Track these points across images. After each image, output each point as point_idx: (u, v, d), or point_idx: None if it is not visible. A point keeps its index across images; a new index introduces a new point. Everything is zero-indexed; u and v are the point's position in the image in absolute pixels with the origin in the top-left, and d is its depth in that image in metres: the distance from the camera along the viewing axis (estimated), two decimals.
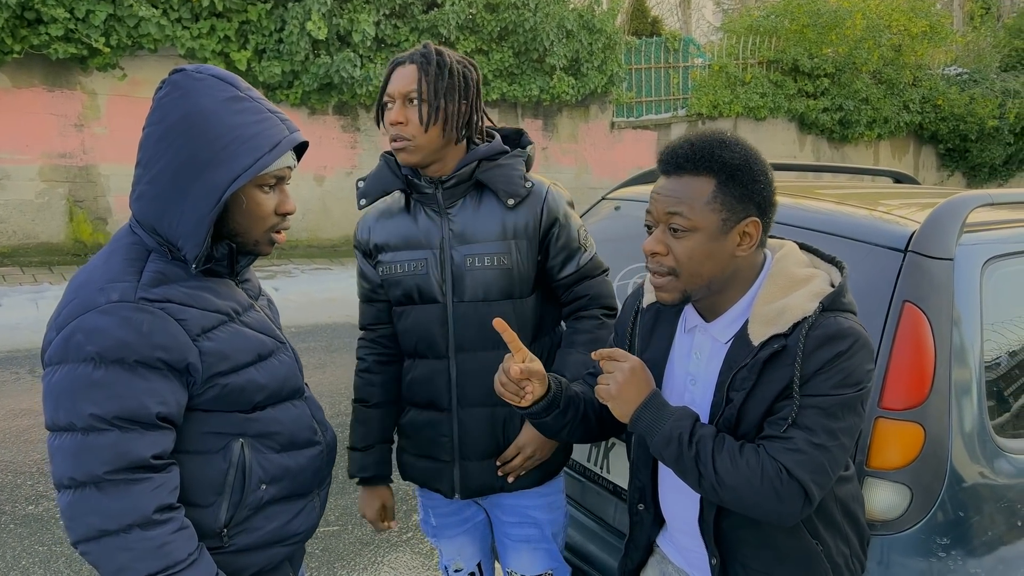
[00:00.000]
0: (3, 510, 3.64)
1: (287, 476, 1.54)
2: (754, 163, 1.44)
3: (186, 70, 1.40)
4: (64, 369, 1.31)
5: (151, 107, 1.40)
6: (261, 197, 1.43)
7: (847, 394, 1.37)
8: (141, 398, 1.31)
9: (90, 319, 1.31)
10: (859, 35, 13.43)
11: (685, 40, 13.09)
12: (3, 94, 7.74)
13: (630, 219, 2.68)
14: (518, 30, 10.02)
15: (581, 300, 2.02)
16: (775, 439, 1.38)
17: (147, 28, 7.80)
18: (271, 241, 1.49)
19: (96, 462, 1.29)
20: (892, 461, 1.74)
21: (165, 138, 1.36)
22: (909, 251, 1.86)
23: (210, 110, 1.36)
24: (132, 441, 1.31)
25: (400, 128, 1.82)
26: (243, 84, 1.43)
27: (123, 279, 1.35)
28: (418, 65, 1.82)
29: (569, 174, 11.45)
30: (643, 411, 1.46)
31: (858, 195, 2.48)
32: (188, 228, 1.37)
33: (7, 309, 6.47)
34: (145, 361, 1.31)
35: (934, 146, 15.79)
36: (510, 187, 1.90)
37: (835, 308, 1.43)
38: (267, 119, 1.41)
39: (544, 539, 2.10)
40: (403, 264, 1.93)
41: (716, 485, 1.39)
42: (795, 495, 1.35)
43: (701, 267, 1.44)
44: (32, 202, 8.06)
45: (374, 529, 1.82)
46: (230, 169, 1.36)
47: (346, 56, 8.71)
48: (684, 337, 1.60)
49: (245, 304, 1.52)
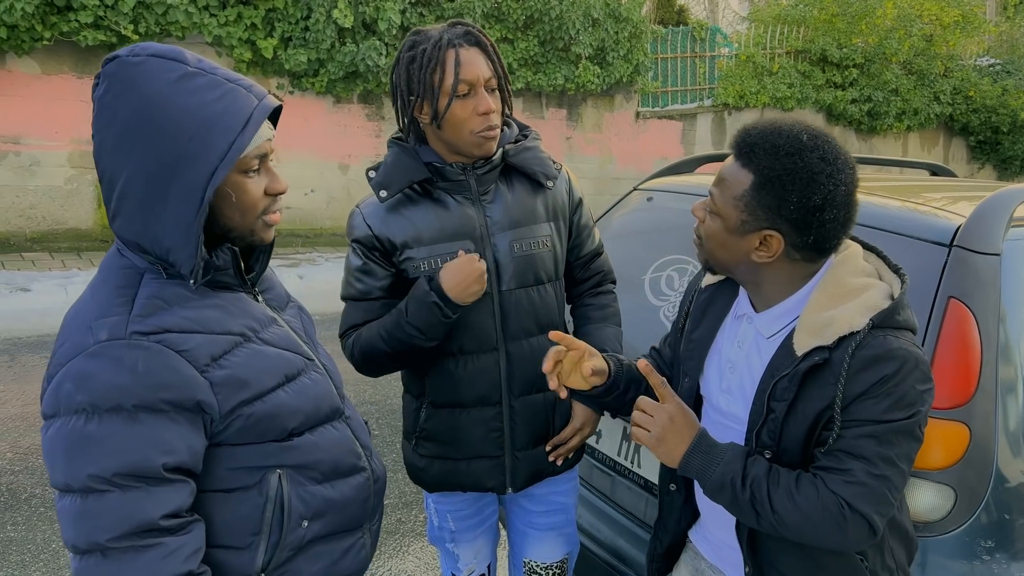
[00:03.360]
0: (33, 493, 3.69)
1: (331, 509, 1.35)
2: (794, 182, 1.33)
3: (120, 56, 1.18)
4: (56, 424, 1.14)
5: (93, 109, 1.19)
6: (247, 183, 1.24)
7: (899, 420, 1.30)
8: (144, 450, 1.13)
9: (78, 364, 1.13)
10: (890, 25, 13.21)
11: (712, 29, 12.94)
12: (33, 80, 7.81)
13: (663, 210, 2.64)
14: (544, 18, 9.95)
15: (597, 276, 2.09)
16: (832, 471, 1.33)
17: (175, 16, 7.83)
18: (267, 224, 1.30)
19: (98, 529, 1.12)
20: (936, 461, 1.69)
21: (121, 144, 1.16)
22: (954, 246, 1.82)
23: (162, 97, 1.15)
24: (136, 502, 1.13)
25: (495, 116, 1.75)
26: (190, 56, 1.21)
27: (112, 313, 1.17)
28: (484, 49, 1.75)
29: (593, 164, 11.39)
30: (691, 457, 1.40)
31: (897, 188, 2.43)
32: (175, 240, 1.19)
33: (37, 294, 6.54)
34: (146, 405, 1.13)
35: (965, 138, 15.53)
36: (546, 169, 1.90)
37: (887, 325, 1.34)
38: (230, 92, 1.19)
39: (568, 522, 2.10)
40: (444, 257, 1.80)
41: (775, 523, 1.35)
42: (859, 528, 1.31)
43: (715, 250, 1.45)
44: (61, 188, 8.14)
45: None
46: (205, 161, 1.16)
47: (372, 44, 8.70)
48: (733, 322, 1.57)
49: (264, 319, 1.33)
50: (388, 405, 4.89)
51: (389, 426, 4.62)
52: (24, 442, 4.19)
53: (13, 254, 7.72)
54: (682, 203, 2.55)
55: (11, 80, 7.69)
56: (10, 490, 3.71)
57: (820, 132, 1.40)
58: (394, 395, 4.98)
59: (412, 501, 3.79)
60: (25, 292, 6.56)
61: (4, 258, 7.55)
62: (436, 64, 1.70)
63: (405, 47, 1.77)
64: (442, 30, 1.75)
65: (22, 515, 3.50)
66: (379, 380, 5.17)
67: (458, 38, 1.73)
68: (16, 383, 4.99)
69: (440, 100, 1.72)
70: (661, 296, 2.48)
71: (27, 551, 3.24)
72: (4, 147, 7.80)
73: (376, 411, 4.82)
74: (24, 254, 7.76)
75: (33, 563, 3.17)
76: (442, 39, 1.72)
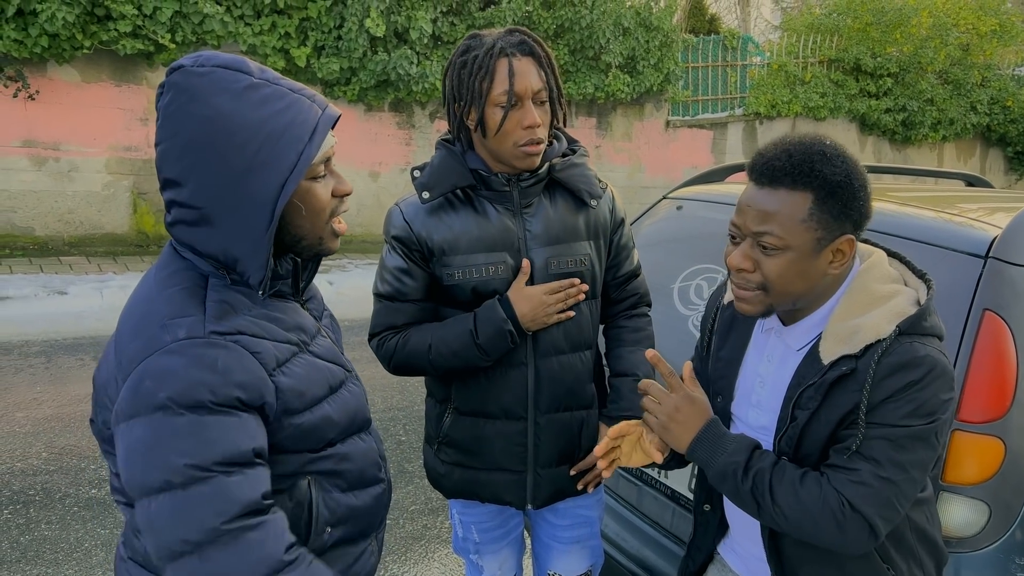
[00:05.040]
0: (67, 493, 3.75)
1: (352, 517, 1.37)
2: (855, 177, 1.33)
3: (185, 66, 1.18)
4: (140, 424, 1.12)
5: (158, 118, 1.19)
6: (315, 188, 1.24)
7: (917, 425, 1.28)
8: (233, 437, 1.13)
9: (156, 361, 1.12)
10: (925, 34, 13.04)
11: (744, 38, 12.87)
12: (73, 88, 7.98)
13: (693, 219, 2.63)
14: (574, 27, 9.97)
15: (633, 298, 2.04)
16: (839, 469, 1.33)
17: (211, 25, 7.96)
18: (335, 233, 1.31)
19: (210, 514, 1.10)
20: (969, 476, 1.67)
21: (186, 154, 1.16)
22: (990, 257, 1.79)
23: (228, 109, 1.15)
24: (240, 484, 1.13)
25: (540, 131, 1.72)
26: (254, 66, 1.21)
27: (186, 313, 1.17)
28: (537, 60, 1.71)
29: (622, 173, 11.36)
30: (697, 444, 1.42)
31: (932, 198, 2.40)
32: (245, 250, 1.19)
33: (73, 297, 6.67)
34: (223, 402, 1.13)
35: (1002, 149, 15.26)
36: (591, 187, 1.88)
37: (914, 332, 1.33)
38: (295, 102, 1.19)
39: (593, 535, 2.09)
40: (479, 268, 1.79)
41: (775, 515, 1.35)
42: (858, 529, 1.29)
43: (791, 286, 1.36)
44: (98, 194, 8.30)
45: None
46: (276, 172, 1.16)
47: (403, 53, 8.77)
48: (760, 337, 1.55)
49: (312, 330, 1.35)
50: (416, 411, 4.91)
51: (416, 432, 4.63)
52: (59, 442, 4.27)
53: (51, 258, 7.88)
54: (712, 212, 2.54)
55: (52, 88, 7.87)
56: (45, 489, 3.77)
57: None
58: (421, 401, 5.00)
59: (438, 507, 3.80)
60: (62, 295, 6.69)
61: (42, 262, 7.71)
62: (487, 72, 1.68)
63: (459, 51, 1.74)
64: (497, 36, 1.71)
65: (56, 514, 3.56)
66: (407, 386, 5.20)
67: (512, 47, 1.69)
68: (52, 384, 5.08)
69: (487, 109, 1.70)
70: (690, 305, 2.46)
71: (60, 550, 3.30)
72: (44, 153, 7.97)
73: (404, 416, 4.84)
74: (62, 258, 7.91)
75: (66, 561, 3.23)
76: (495, 46, 1.69)
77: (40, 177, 8.01)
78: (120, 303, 6.62)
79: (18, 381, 5.12)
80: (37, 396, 4.88)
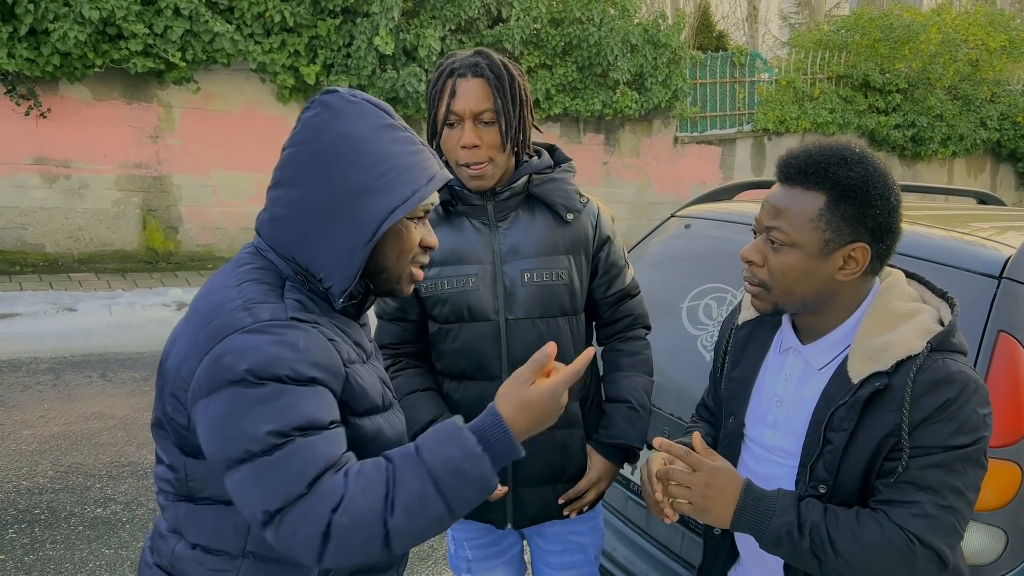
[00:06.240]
0: (72, 512, 3.74)
1: None
2: (874, 185, 1.33)
3: (340, 92, 1.30)
4: (219, 397, 1.16)
5: (297, 126, 1.30)
6: (412, 227, 1.33)
7: (964, 445, 1.26)
8: (311, 406, 1.17)
9: (238, 339, 1.17)
10: (934, 50, 13.02)
11: (752, 55, 12.88)
12: (85, 106, 8.05)
13: (702, 238, 2.61)
14: (582, 45, 10.01)
15: (625, 320, 2.01)
16: (896, 504, 1.29)
17: (221, 43, 8.02)
18: (412, 278, 1.37)
19: (296, 475, 1.14)
20: (986, 502, 1.63)
21: (314, 161, 1.26)
22: (1004, 277, 1.76)
23: (366, 136, 1.26)
24: (320, 445, 1.16)
25: (475, 152, 1.73)
26: (394, 113, 1.34)
27: (269, 300, 1.23)
28: (487, 80, 1.72)
29: (631, 189, 11.36)
30: (741, 515, 1.36)
31: (943, 217, 2.37)
32: (337, 258, 1.26)
33: (82, 314, 6.69)
34: (299, 378, 1.17)
35: (1013, 164, 15.20)
36: (569, 201, 1.87)
37: (944, 348, 1.32)
38: (421, 151, 1.32)
39: (587, 562, 2.05)
40: (450, 280, 1.83)
41: (839, 567, 1.30)
42: (929, 562, 1.27)
43: (794, 285, 1.37)
44: (108, 211, 8.34)
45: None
46: (389, 198, 1.25)
47: (412, 71, 8.81)
48: (778, 357, 1.53)
49: (370, 349, 1.43)
50: None
51: None
52: (65, 460, 4.26)
53: (61, 274, 7.92)
54: (721, 231, 2.51)
55: (63, 106, 7.93)
56: (50, 508, 3.76)
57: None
58: None
59: None
60: (71, 312, 6.71)
61: (52, 278, 7.74)
62: (437, 92, 1.75)
63: (434, 71, 1.81)
64: (459, 58, 1.76)
65: (61, 533, 3.55)
66: None
67: (465, 68, 1.73)
68: (60, 402, 5.08)
69: (438, 127, 1.77)
70: (699, 325, 2.44)
71: (65, 570, 3.28)
72: (55, 170, 8.03)
73: None
74: (71, 274, 7.95)
75: None
76: (447, 68, 1.75)
77: (51, 194, 8.06)
78: (129, 320, 6.63)
79: (26, 399, 5.12)
80: (44, 414, 4.88)
